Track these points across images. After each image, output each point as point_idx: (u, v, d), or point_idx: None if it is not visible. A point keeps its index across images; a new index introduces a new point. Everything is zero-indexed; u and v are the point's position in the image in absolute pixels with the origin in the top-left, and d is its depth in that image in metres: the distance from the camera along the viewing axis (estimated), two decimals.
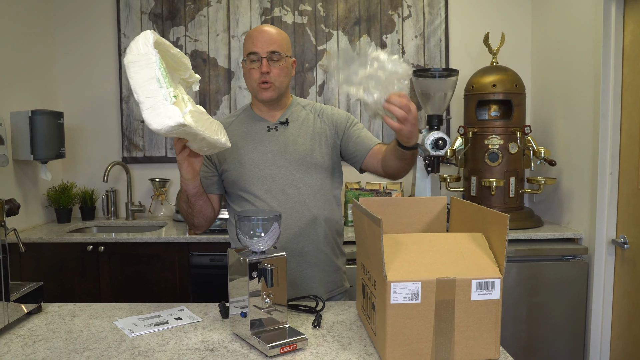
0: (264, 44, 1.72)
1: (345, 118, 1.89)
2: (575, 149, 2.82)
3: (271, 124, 1.82)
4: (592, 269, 2.65)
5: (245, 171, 1.78)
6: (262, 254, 1.35)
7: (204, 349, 1.33)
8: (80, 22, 3.37)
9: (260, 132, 1.82)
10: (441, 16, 3.34)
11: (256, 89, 1.77)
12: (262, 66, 1.72)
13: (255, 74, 1.74)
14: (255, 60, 1.73)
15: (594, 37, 2.61)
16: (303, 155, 1.79)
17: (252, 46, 1.73)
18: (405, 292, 1.19)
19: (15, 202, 1.55)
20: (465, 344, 1.22)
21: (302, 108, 1.88)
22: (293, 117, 1.85)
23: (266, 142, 1.80)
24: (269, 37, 1.73)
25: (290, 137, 1.81)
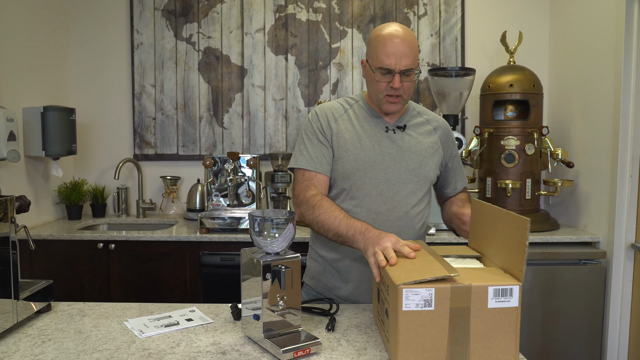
0: (400, 58, 1.58)
1: (453, 139, 1.84)
2: (594, 150, 2.76)
3: (389, 125, 1.73)
4: (610, 274, 2.59)
5: (359, 167, 1.67)
6: (277, 255, 1.31)
7: (215, 351, 1.30)
8: (93, 19, 3.36)
9: (378, 131, 1.71)
10: (457, 14, 3.29)
11: (382, 100, 1.66)
12: (393, 82, 1.60)
13: (383, 86, 1.63)
14: (386, 73, 1.61)
15: (615, 35, 2.55)
16: (418, 165, 1.71)
17: (386, 59, 1.59)
18: (418, 298, 1.15)
19: (26, 199, 1.53)
20: (482, 353, 1.17)
21: (418, 114, 1.79)
22: (410, 123, 1.75)
23: (384, 143, 1.70)
24: (404, 50, 1.58)
25: (407, 144, 1.71)
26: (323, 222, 1.56)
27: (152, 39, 3.35)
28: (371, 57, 1.64)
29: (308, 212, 1.61)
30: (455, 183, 1.86)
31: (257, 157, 3.02)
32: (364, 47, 3.31)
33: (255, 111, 3.35)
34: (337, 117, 1.73)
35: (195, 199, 3.24)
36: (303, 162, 1.70)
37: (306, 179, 1.69)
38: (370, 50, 1.65)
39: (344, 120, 1.72)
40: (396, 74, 1.59)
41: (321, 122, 1.72)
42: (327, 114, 1.73)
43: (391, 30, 1.61)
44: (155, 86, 3.36)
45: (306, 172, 1.70)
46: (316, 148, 1.70)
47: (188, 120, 3.37)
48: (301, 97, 3.34)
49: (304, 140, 1.73)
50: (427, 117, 1.80)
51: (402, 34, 1.60)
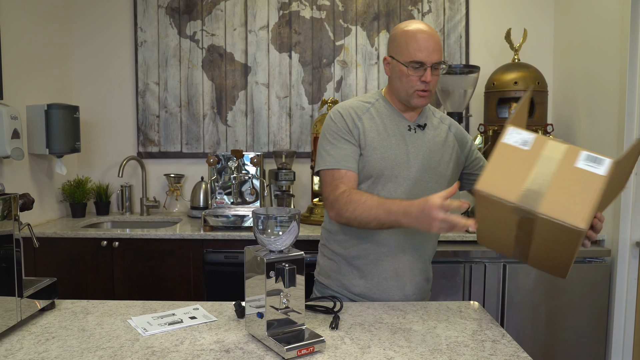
0: (431, 52, 1.62)
1: (468, 137, 1.86)
2: (599, 148, 2.74)
3: (410, 124, 1.73)
4: (615, 272, 2.58)
5: (387, 166, 1.68)
6: (280, 253, 1.31)
7: (219, 349, 1.30)
8: (97, 16, 3.36)
9: (402, 129, 1.72)
10: (462, 12, 3.27)
11: (412, 95, 1.67)
12: (425, 75, 1.63)
13: (414, 80, 1.64)
14: (419, 67, 1.63)
15: (620, 32, 2.53)
16: (437, 163, 1.73)
17: (419, 53, 1.61)
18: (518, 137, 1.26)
19: (30, 197, 1.53)
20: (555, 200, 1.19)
21: (433, 114, 1.81)
22: (429, 122, 1.77)
23: (408, 141, 1.71)
24: (434, 45, 1.62)
25: (428, 142, 1.73)
26: (361, 215, 1.56)
27: (155, 37, 3.34)
28: (400, 53, 1.64)
29: (342, 210, 1.59)
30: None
31: (260, 154, 3.02)
32: (368, 44, 3.30)
33: (259, 109, 3.35)
34: (361, 115, 1.72)
35: (199, 196, 3.24)
36: (329, 162, 1.68)
37: (335, 179, 1.66)
38: (398, 46, 1.65)
39: (368, 118, 1.71)
40: (428, 68, 1.62)
41: (346, 121, 1.70)
42: (350, 112, 1.72)
43: (418, 26, 1.65)
44: (159, 84, 3.36)
45: (334, 171, 1.67)
46: (341, 147, 1.68)
47: (192, 118, 3.37)
48: (305, 95, 3.34)
49: (329, 140, 1.70)
50: (439, 116, 1.83)
51: (429, 29, 1.65)
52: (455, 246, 2.65)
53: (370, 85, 3.31)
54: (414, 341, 1.36)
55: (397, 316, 1.54)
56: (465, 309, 1.63)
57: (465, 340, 1.38)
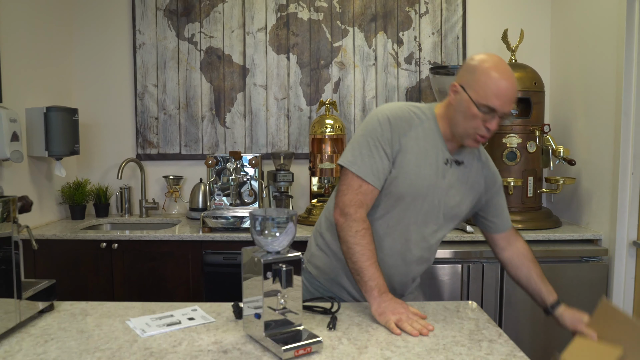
0: (508, 102, 1.51)
1: (499, 180, 1.79)
2: (596, 148, 2.76)
3: (449, 158, 1.65)
4: (612, 271, 2.59)
5: (410, 193, 1.62)
6: (277, 254, 1.32)
7: (217, 350, 1.30)
8: (95, 19, 3.37)
9: (438, 161, 1.63)
10: (459, 12, 3.29)
11: (469, 135, 1.57)
12: (492, 123, 1.52)
13: (479, 124, 1.53)
14: (488, 112, 1.51)
15: (616, 32, 2.54)
16: (456, 203, 1.68)
17: (496, 100, 1.48)
18: None
19: (28, 199, 1.54)
20: None
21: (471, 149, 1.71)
22: (466, 157, 1.69)
23: (439, 175, 1.63)
24: (513, 95, 1.51)
25: (456, 181, 1.67)
26: (355, 252, 1.55)
27: (154, 39, 3.35)
28: (475, 91, 1.51)
29: (348, 231, 1.57)
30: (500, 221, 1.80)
31: (259, 156, 3.03)
32: (366, 45, 3.31)
33: (257, 110, 3.36)
34: (407, 132, 1.61)
35: (197, 198, 3.25)
36: (362, 169, 1.58)
37: (362, 192, 1.59)
38: (475, 82, 1.51)
39: (412, 138, 1.61)
40: (497, 117, 1.52)
41: (392, 133, 1.60)
42: (399, 125, 1.61)
43: (503, 69, 1.51)
44: (157, 86, 3.37)
45: (363, 182, 1.58)
46: (377, 159, 1.59)
47: (190, 119, 3.38)
48: (303, 96, 3.35)
49: (368, 144, 1.60)
50: (477, 152, 1.74)
51: (512, 76, 1.52)
52: (454, 246, 2.66)
53: (367, 87, 3.33)
54: (411, 341, 1.37)
55: None
56: (462, 308, 1.64)
57: (462, 340, 1.38)
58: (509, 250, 1.82)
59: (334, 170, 2.98)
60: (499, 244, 1.83)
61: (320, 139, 2.99)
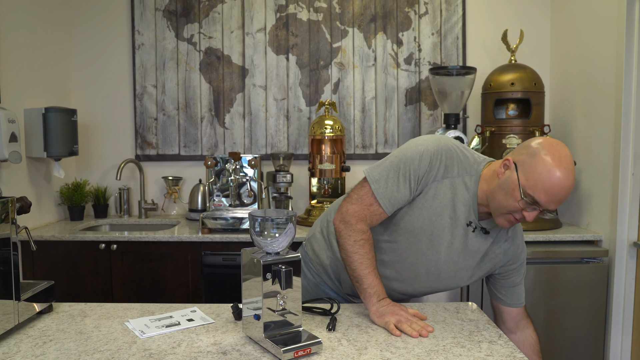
0: (554, 202, 1.40)
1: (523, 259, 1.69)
2: (596, 148, 2.75)
3: (475, 223, 1.56)
4: (612, 272, 2.58)
5: (414, 235, 1.57)
6: (277, 255, 1.31)
7: (216, 352, 1.30)
8: (94, 20, 3.36)
9: (461, 221, 1.56)
10: (458, 13, 3.28)
11: (503, 216, 1.47)
12: (530, 215, 1.43)
13: (517, 208, 1.43)
14: (531, 204, 1.41)
15: (616, 33, 2.54)
16: (467, 267, 1.62)
17: (544, 198, 1.39)
18: None
19: (27, 200, 1.53)
20: None
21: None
22: (494, 230, 1.59)
23: (456, 234, 1.56)
24: (561, 199, 1.40)
25: (476, 247, 1.59)
26: (354, 260, 1.54)
27: (153, 40, 3.35)
28: (527, 177, 1.40)
29: (347, 239, 1.56)
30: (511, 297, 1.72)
31: (258, 157, 3.02)
32: (365, 46, 3.30)
33: (256, 111, 3.36)
34: (444, 179, 1.53)
35: (197, 199, 3.24)
36: (382, 193, 1.53)
37: (370, 212, 1.55)
38: (531, 172, 1.39)
39: (446, 186, 1.53)
40: (537, 210, 1.43)
41: (428, 172, 1.52)
42: (437, 168, 1.52)
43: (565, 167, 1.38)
44: (156, 87, 3.37)
45: (374, 201, 1.54)
46: (402, 190, 1.53)
47: (189, 120, 3.37)
48: (302, 97, 3.34)
49: (399, 171, 1.53)
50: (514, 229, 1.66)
51: (571, 176, 1.39)
52: None
53: (367, 87, 3.32)
54: (411, 342, 1.37)
55: None
56: (462, 310, 1.63)
57: (462, 341, 1.38)
58: (517, 335, 1.75)
59: (334, 171, 2.97)
60: (507, 324, 1.75)
61: (320, 139, 2.98)
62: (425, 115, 3.32)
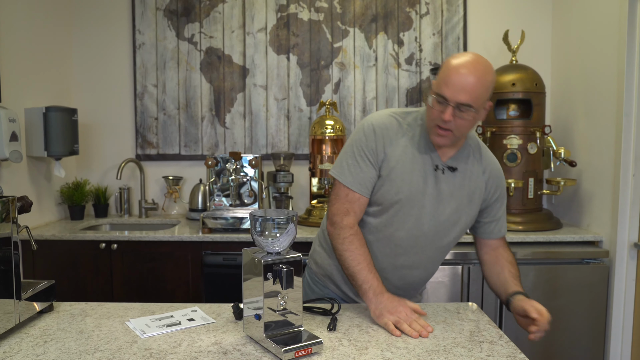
0: (457, 91, 1.45)
1: (502, 186, 1.71)
2: (597, 149, 2.75)
3: (440, 164, 1.61)
4: (612, 273, 2.58)
5: (397, 201, 1.61)
6: (278, 255, 1.31)
7: (217, 351, 1.30)
8: (95, 19, 3.36)
9: (428, 167, 1.61)
10: (459, 13, 3.28)
11: (432, 129, 1.55)
12: (445, 113, 1.48)
13: (435, 113, 1.51)
14: (441, 102, 1.49)
15: (617, 34, 2.54)
16: (453, 211, 1.63)
17: (444, 87, 1.47)
18: None
19: (28, 200, 1.53)
20: None
21: (472, 154, 1.66)
22: (462, 164, 1.64)
23: (429, 182, 1.61)
24: (465, 86, 1.45)
25: (452, 187, 1.62)
26: (346, 258, 1.58)
27: (154, 39, 3.35)
28: (436, 81, 1.53)
29: (337, 239, 1.61)
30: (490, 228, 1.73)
31: (259, 156, 3.02)
32: (366, 46, 3.30)
33: (257, 111, 3.35)
34: (394, 141, 1.61)
35: (197, 199, 3.24)
36: (350, 180, 1.61)
37: (349, 201, 1.62)
38: (439, 73, 1.52)
39: (400, 146, 1.61)
40: (449, 106, 1.47)
41: (377, 142, 1.61)
42: (384, 134, 1.61)
43: (465, 61, 1.48)
44: (157, 86, 3.37)
45: (350, 191, 1.61)
46: (363, 169, 1.61)
47: (190, 120, 3.37)
48: (303, 97, 3.34)
49: (354, 154, 1.63)
50: (480, 156, 1.69)
51: (474, 68, 1.46)
52: (454, 248, 2.64)
53: (368, 87, 3.32)
54: (412, 342, 1.37)
55: None
56: (463, 310, 1.63)
57: (463, 341, 1.38)
58: (491, 254, 1.76)
59: None
60: (484, 249, 1.77)
61: (321, 139, 2.98)
62: None
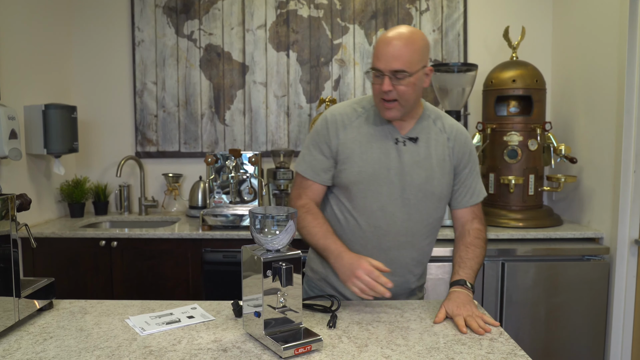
0: (388, 60, 1.52)
1: (469, 150, 1.71)
2: (598, 146, 2.75)
3: (400, 137, 1.64)
4: (613, 270, 2.58)
5: (362, 180, 1.64)
6: (277, 252, 1.31)
7: (216, 349, 1.30)
8: (94, 16, 3.35)
9: (387, 142, 1.64)
10: (460, 10, 3.27)
11: (379, 105, 1.60)
12: (383, 84, 1.53)
13: (377, 89, 1.57)
14: (379, 75, 1.55)
15: (618, 29, 2.53)
16: (424, 180, 1.64)
17: (376, 60, 1.54)
18: None
19: (27, 197, 1.53)
20: None
21: (433, 123, 1.69)
22: (423, 134, 1.66)
23: (391, 157, 1.63)
24: (394, 53, 1.51)
25: (417, 157, 1.64)
26: (305, 235, 1.67)
27: (153, 36, 3.34)
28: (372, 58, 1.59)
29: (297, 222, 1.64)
30: (460, 197, 1.73)
31: (259, 154, 3.01)
32: (366, 43, 3.30)
33: (257, 108, 3.35)
34: (348, 125, 1.67)
35: (197, 196, 3.24)
36: (302, 167, 1.71)
37: (302, 187, 1.72)
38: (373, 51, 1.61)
39: (354, 127, 1.66)
40: (385, 76, 1.53)
41: (329, 130, 1.67)
42: (337, 121, 1.67)
43: (392, 33, 1.55)
44: (156, 83, 3.36)
45: (303, 178, 1.71)
46: (315, 157, 1.69)
47: (190, 117, 3.37)
48: (303, 94, 3.33)
49: (309, 145, 1.71)
50: (443, 124, 1.70)
51: (400, 35, 1.53)
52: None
53: (368, 84, 3.31)
54: (411, 340, 1.36)
55: (395, 315, 1.54)
56: None
57: (463, 338, 1.38)
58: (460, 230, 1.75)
59: None
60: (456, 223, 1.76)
61: None
62: None
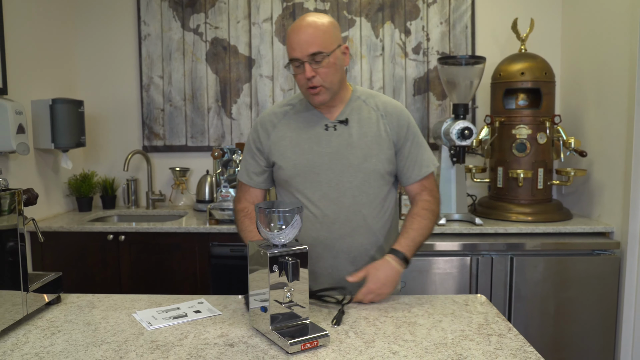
0: (302, 46, 1.55)
1: (406, 123, 1.70)
2: (608, 139, 2.71)
3: (329, 123, 1.67)
4: (624, 264, 2.55)
5: (299, 172, 1.67)
6: (283, 247, 1.30)
7: (223, 344, 1.29)
8: (100, 10, 3.35)
9: (317, 130, 1.67)
10: (467, 1, 3.24)
11: (306, 94, 1.64)
12: (305, 71, 1.56)
13: (301, 79, 1.60)
14: (299, 65, 1.58)
15: (629, 21, 2.49)
16: (362, 160, 1.65)
17: (292, 51, 1.58)
18: None
19: (34, 192, 1.53)
20: None
21: (364, 103, 1.71)
22: (354, 115, 1.68)
23: (323, 143, 1.66)
24: (306, 38, 1.54)
25: (350, 138, 1.65)
26: (244, 239, 1.71)
27: (159, 30, 3.33)
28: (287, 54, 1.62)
29: (236, 224, 1.78)
30: (408, 172, 1.72)
31: None
32: (373, 36, 3.27)
33: (263, 101, 3.34)
34: (277, 124, 1.72)
35: (204, 190, 3.24)
36: (240, 172, 1.80)
37: (241, 191, 1.80)
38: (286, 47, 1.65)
39: (284, 125, 1.71)
40: (305, 63, 1.56)
41: (259, 134, 1.73)
42: (266, 122, 1.73)
43: (298, 22, 1.58)
44: (163, 77, 3.36)
45: (241, 183, 1.79)
46: (248, 161, 1.77)
47: (196, 111, 3.36)
48: None
49: (245, 150, 1.79)
50: (375, 103, 1.71)
51: (308, 22, 1.56)
52: (463, 239, 2.63)
53: (375, 77, 3.29)
54: (419, 335, 1.35)
55: (402, 310, 1.54)
56: (471, 302, 1.62)
57: (471, 334, 1.36)
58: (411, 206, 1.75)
59: None
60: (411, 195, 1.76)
61: None
62: (434, 105, 3.29)
